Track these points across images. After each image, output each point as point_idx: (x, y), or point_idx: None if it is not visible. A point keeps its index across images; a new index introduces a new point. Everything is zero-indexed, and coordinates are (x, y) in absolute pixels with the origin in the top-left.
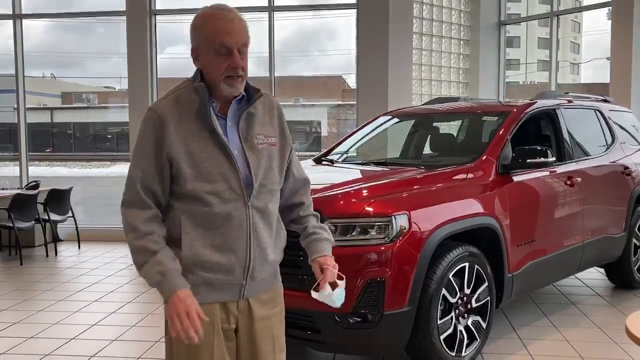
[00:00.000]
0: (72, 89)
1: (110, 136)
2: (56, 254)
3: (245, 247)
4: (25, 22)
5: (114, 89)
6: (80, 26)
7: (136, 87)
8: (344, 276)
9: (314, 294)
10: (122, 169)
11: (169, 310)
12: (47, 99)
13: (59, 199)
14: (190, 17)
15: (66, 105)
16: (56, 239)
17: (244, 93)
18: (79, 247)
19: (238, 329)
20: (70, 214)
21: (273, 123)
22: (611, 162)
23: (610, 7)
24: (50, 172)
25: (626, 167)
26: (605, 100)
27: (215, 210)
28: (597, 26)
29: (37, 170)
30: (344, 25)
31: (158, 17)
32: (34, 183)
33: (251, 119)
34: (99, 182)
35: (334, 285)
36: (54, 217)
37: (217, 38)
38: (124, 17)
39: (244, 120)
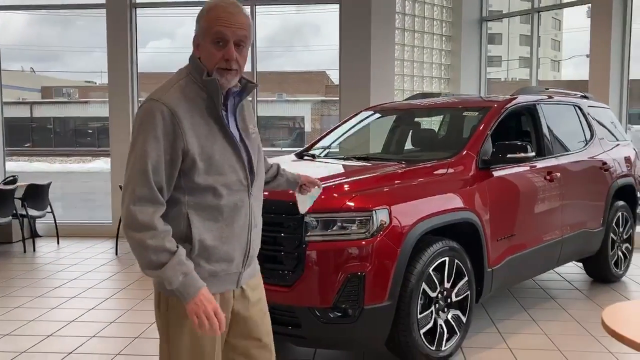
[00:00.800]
0: (52, 83)
1: (91, 131)
2: (34, 250)
3: (246, 235)
4: (4, 14)
5: (95, 83)
6: (61, 20)
7: (116, 81)
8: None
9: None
10: (102, 164)
11: (197, 310)
12: (27, 93)
13: (37, 194)
14: (172, 11)
15: (46, 100)
16: (34, 235)
17: (240, 86)
18: (58, 243)
19: (234, 313)
20: (49, 209)
21: (252, 114)
22: (590, 158)
23: (590, 5)
24: (30, 167)
25: (604, 163)
26: (584, 97)
27: (224, 202)
28: (577, 23)
29: (16, 165)
30: (328, 21)
31: (139, 11)
32: (12, 178)
33: (243, 110)
34: (79, 178)
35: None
36: (32, 212)
37: (215, 27)
38: (104, 10)
39: (239, 111)
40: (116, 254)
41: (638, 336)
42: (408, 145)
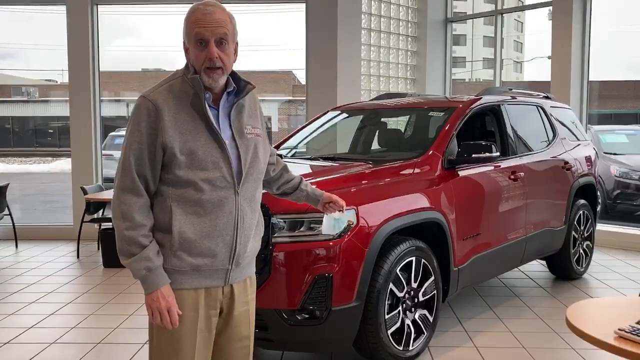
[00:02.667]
0: (10, 82)
1: (52, 131)
2: None
3: (232, 233)
4: None
5: (56, 82)
6: (21, 17)
7: (77, 80)
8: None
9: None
10: (64, 164)
11: (151, 304)
12: None
13: None
14: (135, 9)
15: (4, 99)
16: None
17: (234, 85)
18: (16, 247)
19: (221, 312)
20: (6, 211)
21: (257, 115)
22: (552, 157)
23: (551, 7)
24: None
25: (566, 162)
26: (547, 97)
27: (207, 197)
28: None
29: None
30: (295, 20)
31: (105, 8)
32: None
33: (241, 110)
34: (39, 179)
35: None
36: None
37: (194, 29)
38: (64, 7)
39: (235, 111)
40: (77, 257)
41: (600, 333)
42: (375, 146)
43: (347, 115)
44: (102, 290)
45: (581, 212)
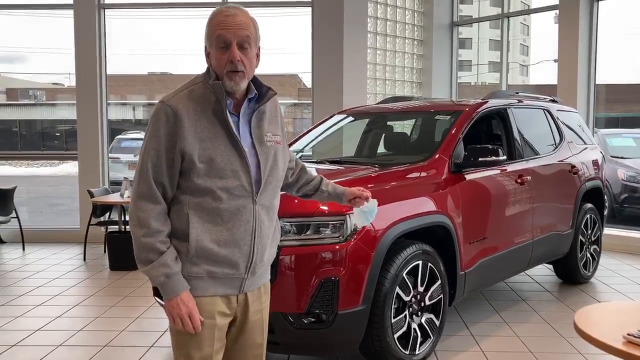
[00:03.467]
0: (17, 85)
1: (58, 134)
2: None
3: (249, 242)
4: None
5: (63, 85)
6: (30, 20)
7: (84, 83)
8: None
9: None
10: (70, 168)
11: (172, 310)
12: None
13: (1, 199)
14: (142, 12)
15: (11, 102)
16: None
17: (256, 92)
18: (24, 249)
19: (235, 320)
20: (14, 214)
21: (277, 122)
22: (559, 161)
23: (558, 11)
24: None
25: (573, 166)
26: (553, 101)
27: (225, 206)
28: (544, 29)
29: None
30: (301, 24)
31: (108, 12)
32: None
33: (262, 117)
34: (46, 182)
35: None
36: None
37: (216, 32)
38: (71, 11)
39: (255, 118)
40: (84, 259)
41: (608, 338)
42: (381, 149)
43: (353, 118)
44: (109, 293)
45: (588, 216)
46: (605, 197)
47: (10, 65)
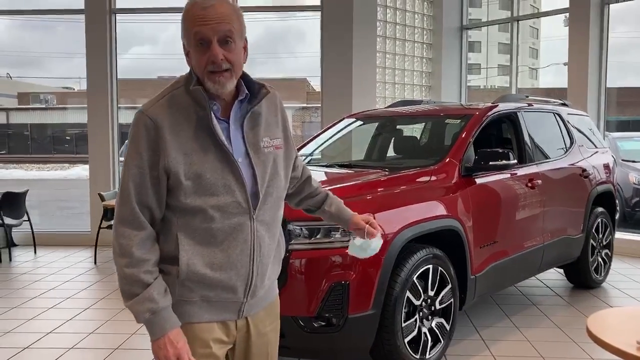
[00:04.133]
0: (29, 89)
1: (69, 138)
2: (10, 260)
3: (248, 264)
4: None
5: (73, 89)
6: (41, 25)
7: (95, 87)
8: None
9: (351, 245)
10: (81, 171)
11: (158, 352)
12: (3, 99)
13: (13, 203)
14: (153, 17)
15: (23, 106)
16: (11, 244)
17: (247, 92)
18: (35, 252)
19: (235, 347)
20: (25, 217)
21: (278, 123)
22: (570, 165)
23: (567, 14)
24: (6, 175)
25: (584, 170)
26: (564, 104)
27: (218, 226)
28: (554, 32)
29: None
30: (311, 27)
31: (121, 16)
32: None
33: (256, 120)
34: (57, 185)
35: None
36: (8, 221)
37: (193, 28)
38: (84, 16)
39: (248, 121)
40: (95, 263)
41: (622, 343)
42: (390, 153)
43: (363, 122)
44: (119, 296)
45: (599, 220)
46: (617, 201)
47: (21, 69)
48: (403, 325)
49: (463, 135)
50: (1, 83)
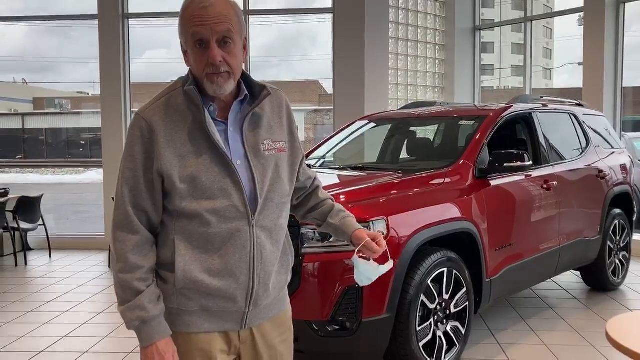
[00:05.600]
0: (44, 95)
1: (83, 142)
2: (26, 264)
3: (248, 271)
4: None
5: (87, 94)
6: (57, 31)
7: (109, 92)
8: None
9: (356, 259)
10: (95, 175)
11: None
12: (19, 104)
13: (28, 207)
14: (165, 21)
15: (38, 111)
16: (26, 248)
17: (247, 92)
18: (50, 256)
19: (240, 357)
20: (40, 222)
21: (282, 125)
22: (586, 166)
23: (582, 13)
24: (22, 179)
25: (600, 171)
26: (579, 105)
27: (215, 231)
28: (568, 32)
29: (7, 177)
30: (323, 30)
31: (135, 21)
32: (3, 190)
33: (257, 122)
34: (71, 189)
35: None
36: (23, 225)
37: (191, 28)
38: (97, 21)
39: (248, 123)
40: (109, 266)
41: None
42: (404, 155)
43: (375, 124)
44: None
45: (617, 221)
46: (634, 203)
47: (37, 75)
48: (418, 329)
49: (477, 137)
50: (17, 88)
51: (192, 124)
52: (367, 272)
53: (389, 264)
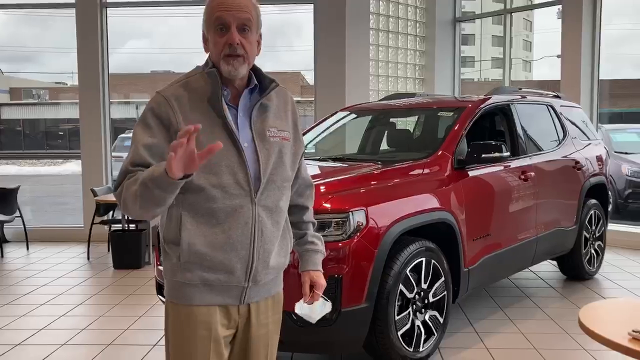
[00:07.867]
0: (21, 85)
1: (62, 133)
2: (2, 256)
3: (248, 246)
4: None
5: (66, 84)
6: (35, 20)
7: (87, 82)
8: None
9: (298, 307)
10: (74, 167)
11: (171, 163)
12: None
13: (5, 199)
14: (145, 11)
15: (15, 101)
16: (2, 240)
17: (256, 82)
18: (28, 248)
19: (236, 333)
20: (17, 213)
21: (287, 118)
22: (563, 157)
23: (561, 6)
24: None
25: (577, 162)
26: (556, 96)
27: (219, 206)
28: (547, 24)
29: None
30: (308, 21)
31: (116, 10)
32: None
33: (265, 111)
34: (50, 181)
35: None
36: None
37: (215, 13)
38: (74, 10)
39: (257, 111)
40: (88, 258)
41: (614, 335)
42: (384, 146)
43: (356, 115)
44: (112, 292)
45: (592, 212)
46: (610, 193)
47: (13, 64)
48: (396, 318)
49: (456, 128)
50: None
51: (208, 105)
52: (306, 312)
53: (326, 305)
